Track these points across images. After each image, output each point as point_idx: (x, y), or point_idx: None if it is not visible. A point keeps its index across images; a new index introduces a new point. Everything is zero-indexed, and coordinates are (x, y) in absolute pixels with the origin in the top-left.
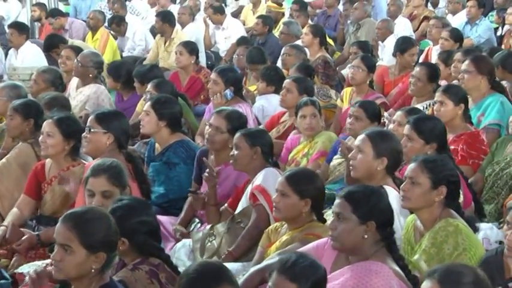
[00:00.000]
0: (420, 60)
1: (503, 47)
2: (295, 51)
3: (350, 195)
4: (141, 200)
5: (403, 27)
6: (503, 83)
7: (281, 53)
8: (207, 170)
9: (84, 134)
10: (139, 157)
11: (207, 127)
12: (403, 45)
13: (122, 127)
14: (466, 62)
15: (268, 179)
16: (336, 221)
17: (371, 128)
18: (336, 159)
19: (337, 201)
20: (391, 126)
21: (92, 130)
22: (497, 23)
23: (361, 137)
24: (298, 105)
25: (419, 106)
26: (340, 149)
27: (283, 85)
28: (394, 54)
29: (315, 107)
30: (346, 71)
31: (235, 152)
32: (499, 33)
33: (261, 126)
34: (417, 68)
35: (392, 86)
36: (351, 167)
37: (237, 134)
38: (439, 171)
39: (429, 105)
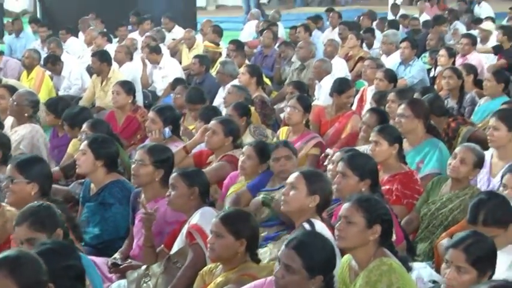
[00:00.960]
0: (355, 101)
1: (435, 87)
2: (237, 90)
3: (301, 247)
4: (64, 243)
5: (339, 67)
6: None
7: (225, 92)
8: (142, 210)
9: (4, 184)
10: (72, 198)
11: (132, 164)
12: (341, 87)
13: (44, 173)
14: (402, 106)
15: (205, 218)
16: (283, 270)
17: (304, 168)
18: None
19: (285, 250)
20: (330, 166)
21: (14, 181)
22: (430, 64)
23: (295, 174)
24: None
25: (367, 147)
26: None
27: (209, 126)
28: (331, 95)
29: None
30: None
31: (172, 192)
32: (432, 74)
33: (189, 156)
34: (367, 115)
35: (328, 126)
36: (282, 202)
37: (174, 174)
38: (374, 210)
39: None
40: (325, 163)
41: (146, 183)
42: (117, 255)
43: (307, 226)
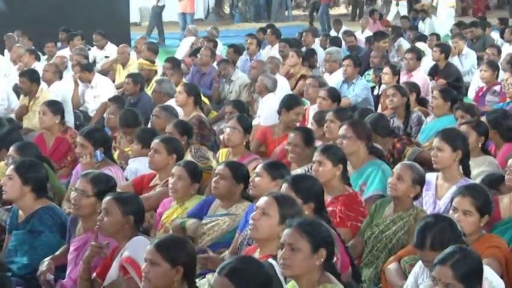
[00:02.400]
0: None
1: (379, 106)
2: (165, 114)
3: (233, 274)
4: None
5: (280, 85)
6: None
7: (151, 114)
8: (79, 237)
9: None
10: None
11: (73, 192)
12: (289, 103)
13: None
14: (344, 126)
15: (138, 248)
16: None
17: (278, 192)
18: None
19: (217, 278)
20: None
21: None
22: (374, 82)
23: (267, 199)
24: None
25: (300, 170)
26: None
27: (151, 146)
28: (279, 112)
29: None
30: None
31: (105, 218)
32: (376, 92)
33: (128, 183)
34: (291, 134)
35: (276, 144)
36: (250, 227)
37: (108, 198)
38: (318, 234)
39: (311, 167)
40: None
41: (87, 215)
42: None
43: (273, 262)
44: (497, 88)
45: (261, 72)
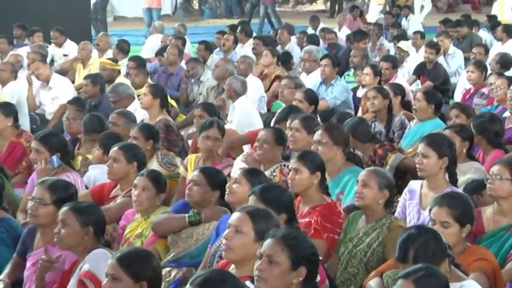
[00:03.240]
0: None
1: (360, 110)
2: (123, 120)
3: (206, 286)
4: None
5: (253, 86)
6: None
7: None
8: (36, 251)
9: None
10: None
11: (30, 201)
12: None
13: None
14: (319, 131)
15: (99, 262)
16: None
17: (251, 205)
18: None
19: None
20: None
21: None
22: (357, 83)
23: (238, 214)
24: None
25: (267, 172)
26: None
27: (110, 154)
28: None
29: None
30: None
31: (62, 230)
32: (360, 94)
33: (87, 192)
34: (262, 131)
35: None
36: (224, 247)
37: (65, 208)
38: (300, 250)
39: (276, 168)
40: None
41: (45, 225)
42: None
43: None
44: (485, 90)
45: (225, 72)
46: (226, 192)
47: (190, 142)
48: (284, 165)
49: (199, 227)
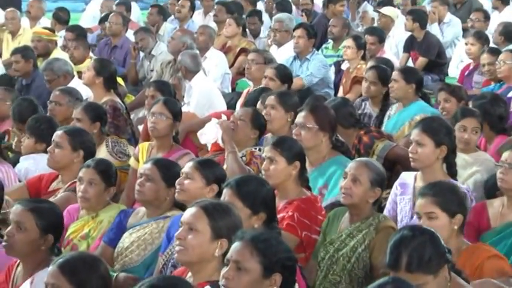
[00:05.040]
0: (238, 105)
1: (340, 89)
2: (68, 99)
3: None
4: None
5: (215, 61)
6: None
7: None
8: None
9: None
10: None
11: None
12: None
13: None
14: (303, 113)
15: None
16: None
17: (205, 200)
18: None
19: None
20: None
21: None
22: (338, 57)
23: (192, 210)
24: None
25: (240, 154)
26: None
27: (52, 139)
28: None
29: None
30: None
31: (16, 235)
32: (345, 66)
33: (21, 185)
34: (239, 109)
35: None
36: (177, 248)
37: (21, 208)
38: (273, 254)
39: (247, 151)
40: None
41: None
42: None
43: None
44: None
45: (181, 45)
46: (176, 190)
47: (140, 128)
48: (256, 148)
49: (145, 229)
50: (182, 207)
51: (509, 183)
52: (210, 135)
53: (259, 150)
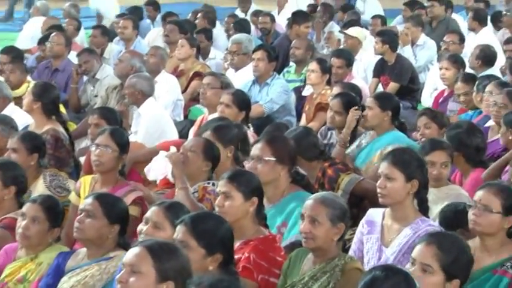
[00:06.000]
0: (191, 133)
1: (303, 117)
2: (1, 128)
3: None
4: None
5: (166, 87)
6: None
7: None
8: None
9: None
10: None
11: None
12: None
13: None
14: (259, 145)
15: None
16: None
17: (150, 239)
18: None
19: None
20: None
21: None
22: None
23: (136, 250)
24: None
25: (192, 189)
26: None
27: None
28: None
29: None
30: None
31: None
32: (305, 93)
33: None
34: (190, 139)
35: None
36: None
37: None
38: None
39: (199, 185)
40: None
41: None
42: None
43: None
44: None
45: (130, 68)
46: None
47: (83, 160)
48: (209, 183)
49: (86, 272)
50: (127, 246)
51: (483, 226)
52: (158, 170)
53: (213, 185)
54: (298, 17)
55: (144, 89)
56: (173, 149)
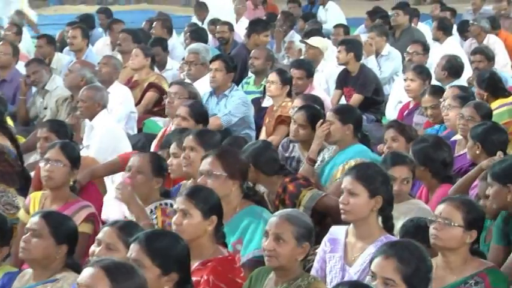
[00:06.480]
0: (153, 146)
1: (263, 130)
2: None
3: None
4: None
5: (120, 99)
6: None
7: None
8: None
9: None
10: None
11: None
12: None
13: None
14: (208, 159)
15: None
16: None
17: (106, 258)
18: None
19: None
20: None
21: None
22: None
23: (91, 270)
24: None
25: (148, 209)
26: None
27: None
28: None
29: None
30: None
31: None
32: (265, 104)
33: None
34: (135, 157)
35: None
36: None
37: None
38: None
39: (156, 208)
40: None
41: None
42: None
43: None
44: None
45: (80, 79)
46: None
47: (32, 174)
48: (166, 204)
49: None
50: (76, 267)
51: (444, 241)
52: (114, 213)
53: (171, 205)
54: (257, 26)
55: (102, 101)
56: (118, 180)
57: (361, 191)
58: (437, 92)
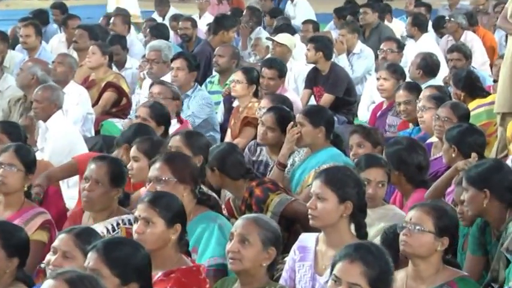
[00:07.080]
0: None
1: (228, 132)
2: None
3: None
4: None
5: (75, 99)
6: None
7: None
8: None
9: None
10: None
11: None
12: None
13: None
14: (157, 165)
15: None
16: None
17: (69, 270)
18: None
19: None
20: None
21: None
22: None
23: (55, 283)
24: None
25: (99, 227)
26: None
27: None
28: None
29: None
30: None
31: None
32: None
33: None
34: (92, 164)
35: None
36: None
37: None
38: None
39: (118, 226)
40: None
41: None
42: None
43: None
44: None
45: (31, 78)
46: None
47: None
48: (127, 223)
49: None
50: (26, 280)
51: (414, 247)
52: None
53: (130, 223)
54: (221, 22)
55: (58, 101)
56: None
57: (330, 196)
58: (413, 88)
